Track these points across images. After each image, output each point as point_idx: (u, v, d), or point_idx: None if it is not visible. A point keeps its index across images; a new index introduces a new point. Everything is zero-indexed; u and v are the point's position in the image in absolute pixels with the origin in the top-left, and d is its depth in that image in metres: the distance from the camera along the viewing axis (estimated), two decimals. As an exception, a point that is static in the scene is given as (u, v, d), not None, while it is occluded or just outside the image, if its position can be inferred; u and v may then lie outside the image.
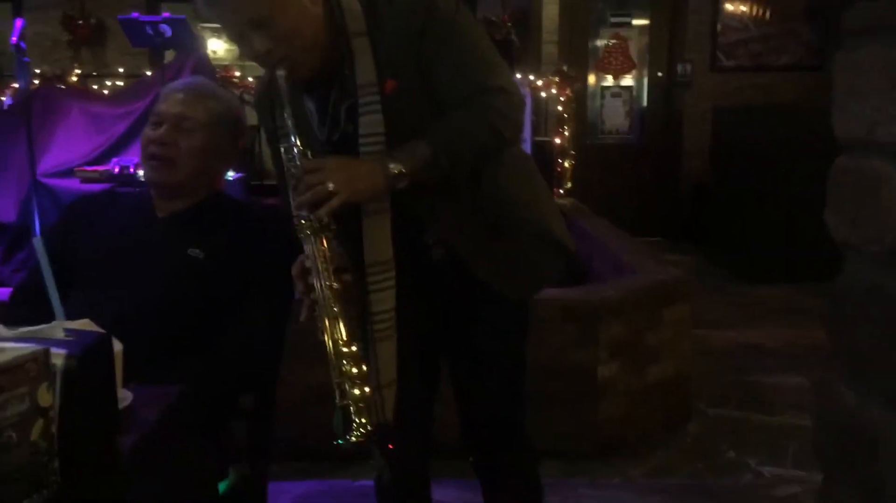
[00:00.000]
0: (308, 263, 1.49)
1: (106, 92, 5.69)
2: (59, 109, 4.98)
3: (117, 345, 1.38)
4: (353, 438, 1.42)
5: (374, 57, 1.52)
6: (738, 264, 6.07)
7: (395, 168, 1.45)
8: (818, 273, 2.50)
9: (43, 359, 1.06)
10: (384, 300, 1.57)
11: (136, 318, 1.69)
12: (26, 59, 4.04)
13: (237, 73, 7.80)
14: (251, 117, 6.58)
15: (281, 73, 1.48)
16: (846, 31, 0.70)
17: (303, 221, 1.47)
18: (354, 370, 1.43)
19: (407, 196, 1.51)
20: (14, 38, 3.98)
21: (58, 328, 1.39)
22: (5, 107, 4.61)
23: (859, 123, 0.66)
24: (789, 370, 3.99)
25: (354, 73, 1.52)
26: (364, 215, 1.53)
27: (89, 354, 1.18)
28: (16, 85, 4.69)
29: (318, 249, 1.46)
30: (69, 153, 4.75)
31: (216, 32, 10.49)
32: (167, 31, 4.41)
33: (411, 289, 1.65)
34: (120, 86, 5.92)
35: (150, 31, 4.44)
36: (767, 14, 7.31)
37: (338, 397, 1.44)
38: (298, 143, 1.49)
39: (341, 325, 1.44)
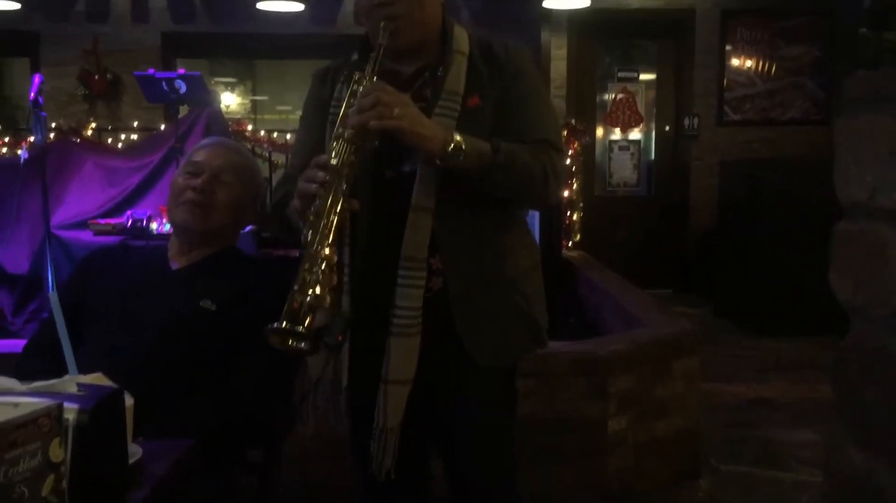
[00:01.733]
0: (321, 161, 1.47)
1: (120, 145, 5.77)
2: (74, 162, 5.06)
3: (129, 400, 1.39)
4: (298, 328, 1.37)
5: (467, 75, 1.63)
6: (747, 317, 6.05)
7: (458, 139, 1.51)
8: (827, 326, 2.50)
9: (56, 414, 1.07)
10: (410, 297, 1.58)
11: (150, 370, 1.71)
12: (43, 113, 4.13)
13: (249, 127, 7.93)
14: (262, 170, 6.60)
15: (387, 24, 1.56)
16: (846, 99, 0.72)
17: (349, 128, 1.48)
18: (320, 274, 1.40)
19: (430, 218, 1.57)
20: (32, 94, 4.07)
21: (70, 382, 1.41)
22: (22, 161, 4.69)
23: (860, 188, 0.68)
24: (800, 425, 3.95)
25: (447, 76, 1.62)
26: (411, 210, 1.57)
27: (101, 409, 1.19)
28: (32, 139, 4.77)
29: (345, 156, 1.47)
30: (83, 205, 4.80)
31: (230, 87, 10.69)
32: (182, 86, 4.50)
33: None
34: (134, 139, 6.01)
35: (166, 88, 4.53)
36: (773, 69, 7.40)
37: (296, 288, 1.40)
38: (374, 76, 1.54)
39: (331, 232, 1.43)
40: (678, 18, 7.43)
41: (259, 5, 7.23)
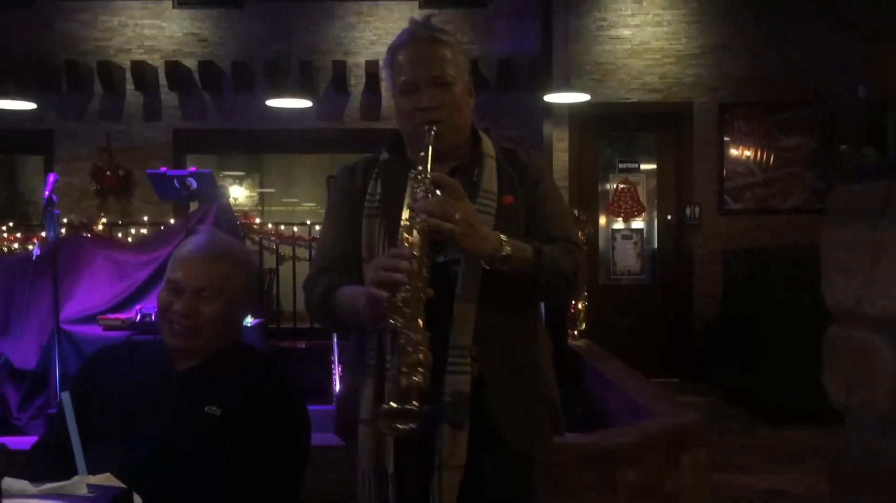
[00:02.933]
0: (405, 252, 1.53)
1: (130, 240, 5.86)
2: (85, 257, 5.13)
3: (138, 501, 1.40)
4: (398, 406, 1.44)
5: (497, 177, 1.76)
6: (755, 405, 5.99)
7: (506, 249, 1.60)
8: (837, 414, 2.48)
9: (68, 517, 1.08)
10: (460, 382, 1.63)
11: (154, 473, 1.68)
12: (57, 211, 4.21)
13: (257, 220, 8.05)
14: (268, 261, 6.68)
15: (433, 128, 1.67)
16: (830, 210, 0.76)
17: (416, 221, 1.55)
18: (421, 355, 1.46)
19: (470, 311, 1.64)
20: (46, 192, 4.17)
21: (80, 484, 1.42)
22: (34, 257, 4.76)
23: (846, 296, 0.71)
24: (814, 518, 3.87)
25: (481, 178, 1.74)
26: (456, 301, 1.64)
27: (112, 511, 1.20)
28: (44, 234, 4.85)
29: (422, 247, 1.53)
30: (92, 300, 4.85)
31: (237, 181, 10.89)
32: (193, 184, 4.61)
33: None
34: (144, 234, 6.11)
35: (177, 185, 4.64)
36: (771, 160, 7.54)
37: (404, 370, 1.46)
38: (429, 174, 1.61)
39: (422, 317, 1.49)
40: (676, 112, 7.62)
41: (268, 102, 7.44)
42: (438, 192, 1.58)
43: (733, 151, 7.58)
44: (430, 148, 1.65)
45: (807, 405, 5.40)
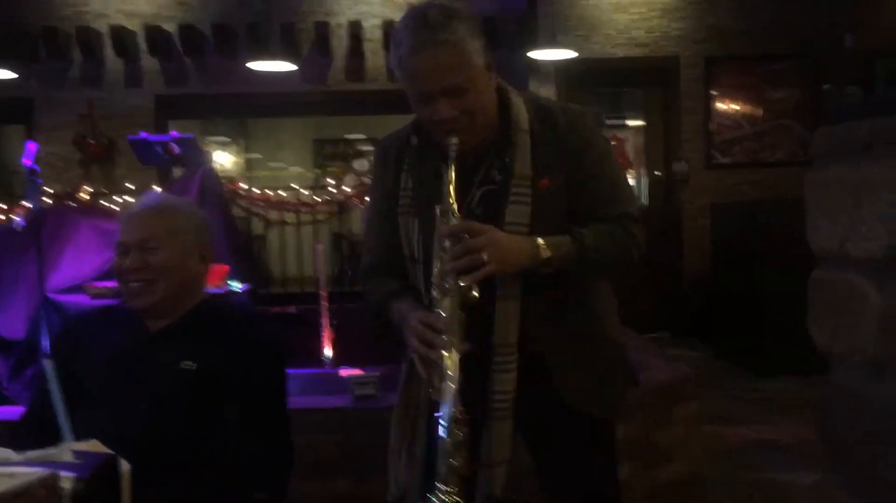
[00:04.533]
0: (439, 325, 1.53)
1: (116, 208, 5.80)
2: (70, 226, 5.07)
3: (125, 465, 1.39)
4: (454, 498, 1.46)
5: (532, 154, 1.64)
6: (746, 358, 6.04)
7: (545, 254, 1.58)
8: (827, 365, 2.50)
9: (52, 483, 1.07)
10: (506, 381, 1.62)
11: (138, 436, 1.69)
12: (39, 180, 4.16)
13: (244, 186, 7.99)
14: (256, 227, 6.65)
15: (454, 140, 1.58)
16: (813, 153, 0.74)
17: (448, 286, 1.54)
18: (462, 434, 1.47)
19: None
20: (28, 161, 4.11)
21: (66, 450, 1.41)
22: (18, 227, 4.71)
23: (831, 239, 0.70)
24: (804, 467, 3.92)
25: (514, 163, 1.63)
26: (498, 299, 1.61)
27: (97, 477, 1.19)
28: (28, 204, 4.80)
29: (454, 315, 1.52)
30: (79, 269, 4.81)
31: (223, 146, 10.80)
32: (175, 149, 4.55)
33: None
34: (130, 202, 6.05)
35: (160, 150, 4.58)
36: (759, 112, 7.51)
37: (442, 459, 1.47)
38: (455, 208, 1.57)
39: (458, 384, 1.48)
40: (663, 66, 7.56)
41: (251, 66, 7.34)
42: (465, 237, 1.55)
43: (721, 105, 7.54)
44: (453, 162, 1.59)
45: (798, 356, 5.43)
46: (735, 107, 7.54)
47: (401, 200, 1.71)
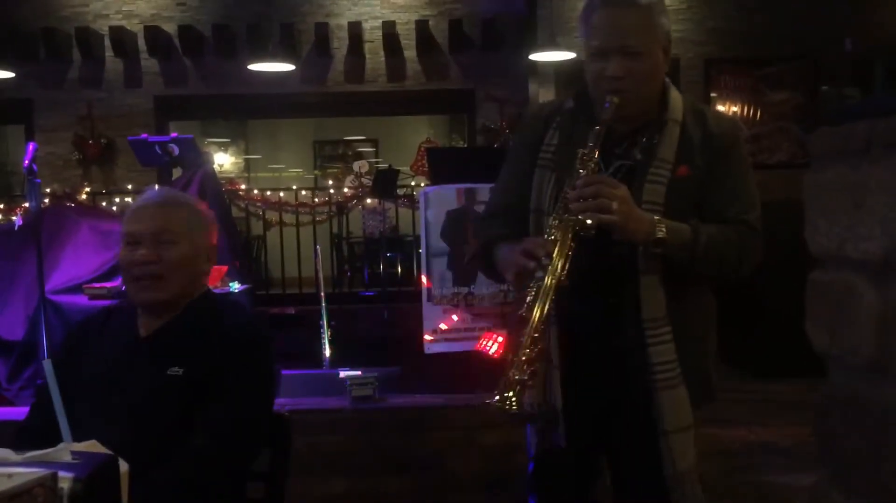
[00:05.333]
0: (548, 247, 1.59)
1: (115, 208, 5.81)
2: (69, 227, 5.07)
3: (123, 466, 1.39)
4: (506, 405, 1.53)
5: (679, 143, 1.71)
6: (745, 360, 6.03)
7: (660, 232, 1.62)
8: (824, 367, 2.49)
9: (50, 483, 1.07)
10: (663, 352, 1.68)
11: (129, 442, 1.68)
12: (38, 180, 4.16)
13: (243, 186, 8.00)
14: (255, 228, 6.63)
15: (616, 99, 1.65)
16: (812, 153, 0.74)
17: (567, 214, 1.60)
18: (531, 352, 1.54)
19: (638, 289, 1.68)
20: (26, 162, 4.11)
21: (65, 451, 1.40)
22: (16, 227, 4.71)
23: (829, 240, 0.70)
24: (803, 469, 3.91)
25: (659, 146, 1.71)
26: (640, 275, 1.67)
27: (95, 477, 1.19)
28: (27, 205, 4.80)
29: (566, 244, 1.58)
30: (78, 270, 4.81)
31: (223, 147, 10.81)
32: (175, 149, 4.55)
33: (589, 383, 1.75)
34: (128, 202, 6.05)
35: (159, 151, 4.58)
36: (758, 115, 7.51)
37: (511, 369, 1.54)
38: (597, 156, 1.64)
39: (546, 309, 1.55)
40: (662, 67, 7.56)
41: (250, 66, 7.35)
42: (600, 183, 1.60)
43: (720, 107, 7.54)
44: (605, 125, 1.65)
45: (798, 359, 5.41)
46: (734, 108, 7.55)
47: (542, 154, 1.77)
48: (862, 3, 6.89)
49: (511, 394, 1.53)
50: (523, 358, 1.54)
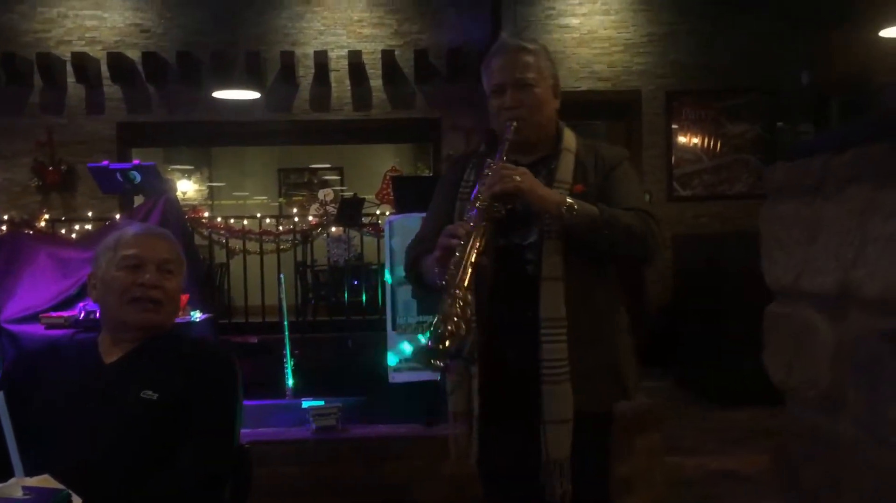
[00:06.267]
0: (455, 241, 1.79)
1: (74, 236, 5.72)
2: (26, 254, 4.98)
3: (77, 500, 1.36)
4: (431, 344, 1.69)
5: (574, 168, 2.00)
6: (708, 388, 6.08)
7: (571, 201, 1.86)
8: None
9: (0, 521, 1.04)
10: (555, 351, 1.88)
11: (97, 468, 1.67)
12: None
13: (206, 214, 7.93)
14: (219, 256, 6.56)
15: (514, 124, 1.94)
16: (768, 187, 0.75)
17: (478, 205, 1.83)
18: (458, 308, 1.71)
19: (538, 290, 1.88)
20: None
21: (16, 486, 1.37)
22: (-28, 255, 4.61)
23: (785, 273, 0.71)
24: (765, 497, 3.94)
25: (557, 170, 1.98)
26: (542, 280, 1.89)
27: (48, 514, 1.16)
28: (-17, 232, 4.71)
29: (481, 226, 1.80)
30: (35, 298, 4.71)
31: (186, 174, 10.72)
32: (137, 177, 4.50)
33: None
34: (88, 230, 5.96)
35: (120, 178, 4.53)
36: (718, 146, 7.65)
37: (440, 318, 1.71)
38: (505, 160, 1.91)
39: (467, 277, 1.74)
40: (625, 100, 7.68)
41: (215, 94, 7.32)
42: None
43: (681, 138, 7.67)
44: (507, 142, 1.92)
45: (759, 386, 5.47)
46: (695, 140, 7.68)
47: (461, 189, 2.03)
48: (819, 38, 7.08)
49: (438, 336, 1.69)
50: (448, 314, 1.71)
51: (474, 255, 1.77)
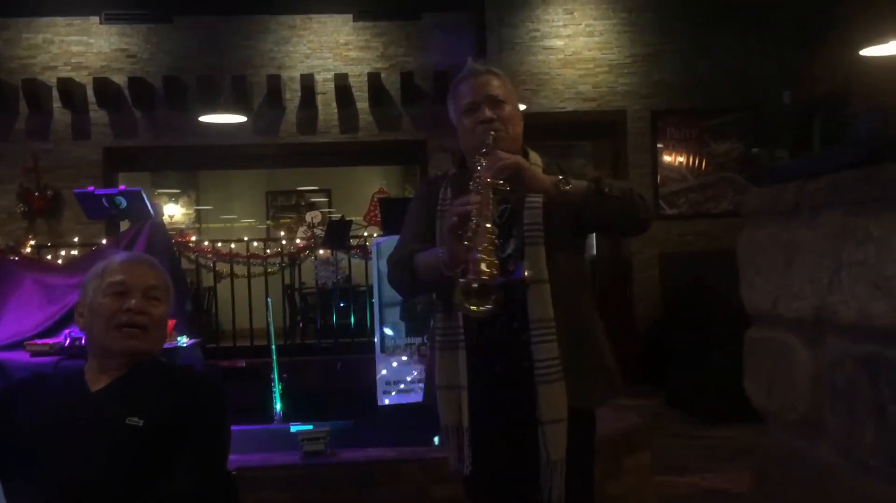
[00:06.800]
0: (470, 207, 1.82)
1: (60, 262, 5.69)
2: (12, 280, 4.95)
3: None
4: (473, 307, 1.73)
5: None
6: (698, 406, 6.08)
7: (563, 178, 1.93)
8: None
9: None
10: (546, 350, 1.94)
11: (84, 494, 1.67)
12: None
13: (193, 238, 7.91)
14: (206, 279, 6.54)
15: (493, 133, 2.01)
16: (745, 213, 0.76)
17: (479, 178, 1.88)
18: (486, 267, 1.74)
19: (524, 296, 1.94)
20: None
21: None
22: (-43, 282, 4.58)
23: (764, 298, 0.71)
24: (756, 515, 3.93)
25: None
26: (531, 283, 1.95)
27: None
28: (-32, 259, 4.68)
29: (488, 197, 1.85)
30: (20, 325, 4.68)
31: (173, 198, 10.70)
32: (122, 202, 4.49)
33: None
34: (74, 255, 5.94)
35: (106, 204, 4.52)
36: (703, 165, 7.70)
37: (483, 257, 1.75)
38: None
39: (488, 239, 1.79)
40: (610, 120, 7.73)
41: (202, 118, 7.32)
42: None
43: (667, 158, 7.72)
44: (490, 147, 1.97)
45: (747, 404, 5.49)
46: (680, 159, 7.73)
47: (439, 208, 2.08)
48: (801, 58, 7.16)
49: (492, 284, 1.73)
50: (483, 265, 1.73)
51: (489, 223, 1.82)
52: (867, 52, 5.98)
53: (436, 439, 3.60)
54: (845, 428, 0.61)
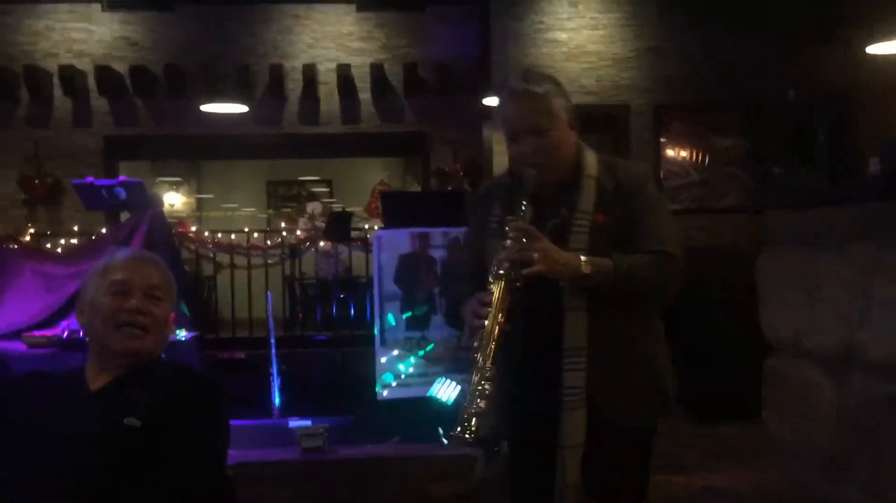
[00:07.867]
0: (487, 300, 1.88)
1: (60, 250, 5.67)
2: (11, 269, 4.93)
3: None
4: (466, 435, 1.78)
5: (595, 195, 1.99)
6: (695, 403, 6.06)
7: (585, 269, 1.89)
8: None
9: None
10: (576, 378, 1.93)
11: (81, 493, 1.65)
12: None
13: (193, 228, 7.88)
14: (207, 268, 6.54)
15: (533, 171, 1.95)
16: (766, 236, 0.74)
17: (500, 271, 1.89)
18: (486, 386, 1.79)
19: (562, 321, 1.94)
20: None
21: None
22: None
23: (786, 327, 0.69)
24: (753, 515, 3.92)
25: (579, 200, 1.99)
26: (567, 310, 1.94)
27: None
28: (-33, 247, 4.66)
29: (501, 295, 1.87)
30: (19, 315, 4.66)
31: (174, 187, 10.66)
32: (121, 193, 4.47)
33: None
34: (74, 244, 5.91)
35: (105, 195, 4.49)
36: (706, 160, 7.66)
37: (466, 403, 1.81)
38: (525, 216, 1.93)
39: (493, 350, 1.83)
40: (613, 114, 7.68)
41: (203, 107, 7.29)
42: (524, 240, 1.88)
43: (669, 152, 7.68)
44: (528, 194, 1.94)
45: (746, 401, 5.47)
46: (683, 154, 7.68)
47: (489, 225, 2.06)
48: (805, 55, 7.11)
49: (468, 424, 1.78)
50: (476, 392, 1.80)
51: (498, 328, 1.85)
52: (874, 49, 5.94)
53: (443, 439, 3.59)
54: (872, 468, 0.59)
